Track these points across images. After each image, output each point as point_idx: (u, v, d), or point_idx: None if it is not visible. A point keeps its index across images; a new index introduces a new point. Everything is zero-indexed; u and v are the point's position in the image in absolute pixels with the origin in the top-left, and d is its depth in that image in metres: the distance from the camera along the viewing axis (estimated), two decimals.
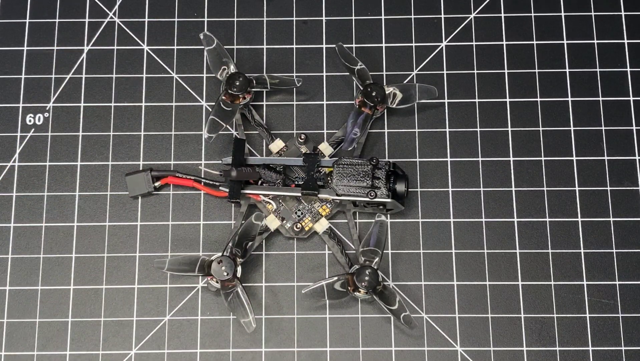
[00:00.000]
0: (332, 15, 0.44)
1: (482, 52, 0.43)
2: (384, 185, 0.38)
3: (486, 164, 0.42)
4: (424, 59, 0.43)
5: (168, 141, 0.42)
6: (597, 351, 0.39)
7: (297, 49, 0.43)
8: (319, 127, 0.42)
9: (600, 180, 0.41)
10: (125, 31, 0.44)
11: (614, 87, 0.42)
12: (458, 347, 0.39)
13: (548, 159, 0.42)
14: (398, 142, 0.42)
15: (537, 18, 0.44)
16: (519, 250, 0.40)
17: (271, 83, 0.41)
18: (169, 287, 0.40)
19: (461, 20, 0.44)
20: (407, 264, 0.40)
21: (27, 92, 0.43)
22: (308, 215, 0.40)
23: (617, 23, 0.43)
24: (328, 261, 0.40)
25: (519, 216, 0.41)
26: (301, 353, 0.39)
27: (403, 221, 0.41)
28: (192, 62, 0.43)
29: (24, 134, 0.42)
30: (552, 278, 0.40)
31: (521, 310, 0.40)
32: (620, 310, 0.40)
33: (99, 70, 0.43)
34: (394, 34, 0.44)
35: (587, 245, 0.40)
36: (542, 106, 0.42)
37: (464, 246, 0.40)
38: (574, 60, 0.43)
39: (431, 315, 0.40)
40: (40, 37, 0.44)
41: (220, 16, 0.44)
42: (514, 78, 0.43)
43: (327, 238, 0.40)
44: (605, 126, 0.42)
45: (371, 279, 0.37)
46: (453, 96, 0.43)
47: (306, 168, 0.39)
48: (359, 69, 0.41)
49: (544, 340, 0.39)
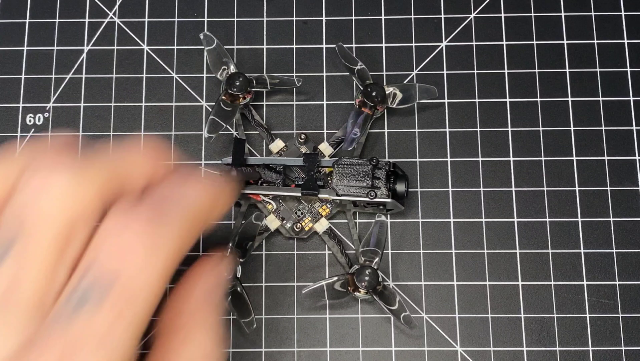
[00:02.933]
0: (332, 15, 0.44)
1: (482, 52, 0.43)
2: (384, 185, 0.38)
3: (486, 164, 0.42)
4: (424, 59, 0.43)
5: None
6: (597, 351, 0.39)
7: (297, 49, 0.43)
8: (319, 127, 0.42)
9: (600, 180, 0.41)
10: (125, 31, 0.44)
11: (614, 87, 0.42)
12: (458, 347, 0.39)
13: (548, 159, 0.42)
14: (398, 142, 0.42)
15: (537, 18, 0.44)
16: (519, 250, 0.40)
17: (271, 83, 0.41)
18: (169, 287, 0.40)
19: (461, 20, 0.44)
20: (407, 264, 0.40)
21: (27, 92, 0.43)
22: (308, 215, 0.40)
23: (617, 23, 0.43)
24: (328, 261, 0.40)
25: (519, 216, 0.41)
26: (301, 353, 0.39)
27: (403, 221, 0.41)
28: (192, 62, 0.43)
29: (24, 134, 0.42)
30: (552, 278, 0.40)
31: (521, 310, 0.40)
32: (620, 310, 0.40)
33: (99, 70, 0.43)
34: (394, 34, 0.44)
35: (587, 245, 0.40)
36: (542, 106, 0.42)
37: (464, 246, 0.41)
38: (574, 60, 0.43)
39: (431, 315, 0.40)
40: (40, 37, 0.44)
41: (220, 16, 0.44)
42: (514, 78, 0.43)
43: (327, 238, 0.40)
44: (605, 126, 0.42)
45: (371, 279, 0.37)
46: (453, 96, 0.43)
47: (306, 168, 0.39)
48: (359, 69, 0.41)
49: (544, 340, 0.39)
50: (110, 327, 0.20)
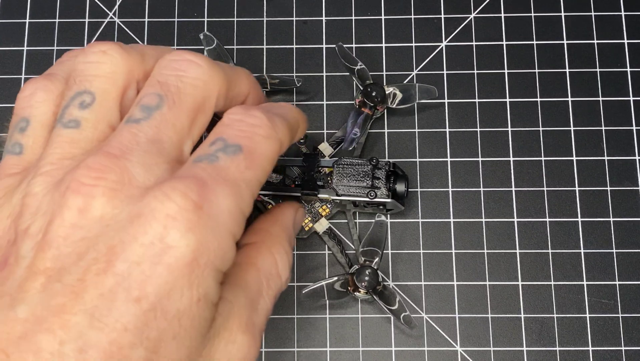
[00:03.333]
0: (332, 15, 0.44)
1: (482, 52, 0.43)
2: (384, 185, 0.38)
3: (486, 164, 0.42)
4: (424, 59, 0.43)
5: None
6: (597, 351, 0.39)
7: (297, 49, 0.43)
8: (319, 127, 0.42)
9: (600, 180, 0.41)
10: (125, 31, 0.44)
11: (614, 87, 0.42)
12: (458, 347, 0.39)
13: (548, 159, 0.42)
14: (398, 142, 0.42)
15: (537, 18, 0.44)
16: (519, 250, 0.40)
17: (271, 83, 0.41)
18: None
19: (461, 20, 0.44)
20: (407, 264, 0.40)
21: None
22: (308, 215, 0.40)
23: (617, 23, 0.43)
24: (328, 261, 0.40)
25: (519, 216, 0.41)
26: (301, 353, 0.39)
27: (403, 221, 0.41)
28: None
29: None
30: (552, 278, 0.40)
31: (521, 310, 0.40)
32: (620, 310, 0.40)
33: None
34: (394, 34, 0.44)
35: (587, 245, 0.40)
36: (542, 106, 0.42)
37: (464, 246, 0.41)
38: (574, 60, 0.43)
39: (431, 315, 0.40)
40: (40, 37, 0.44)
41: (220, 16, 0.44)
42: (514, 78, 0.43)
43: (327, 238, 0.40)
44: (605, 126, 0.42)
45: (371, 280, 0.37)
46: (453, 96, 0.43)
47: (306, 168, 0.39)
48: (359, 69, 0.41)
49: (544, 340, 0.39)
50: (242, 173, 0.25)
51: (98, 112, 0.27)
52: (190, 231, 0.23)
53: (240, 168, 0.25)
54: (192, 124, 0.27)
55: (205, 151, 0.26)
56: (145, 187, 0.24)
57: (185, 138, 0.27)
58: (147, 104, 0.26)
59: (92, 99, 0.27)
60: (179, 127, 0.26)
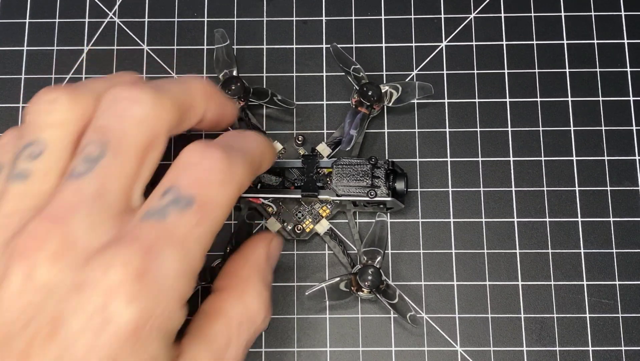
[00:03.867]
0: (332, 15, 0.44)
1: (482, 52, 0.43)
2: (384, 184, 0.38)
3: (486, 164, 0.42)
4: (424, 59, 0.43)
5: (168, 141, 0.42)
6: (597, 351, 0.39)
7: (297, 49, 0.43)
8: (319, 127, 0.42)
9: (600, 180, 0.41)
10: (125, 31, 0.44)
11: (614, 87, 0.42)
12: (458, 347, 0.39)
13: (548, 159, 0.42)
14: (397, 142, 0.42)
15: (537, 18, 0.44)
16: (519, 250, 0.40)
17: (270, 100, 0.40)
18: None
19: (461, 20, 0.44)
20: (407, 264, 0.40)
21: (27, 92, 0.43)
22: (309, 217, 0.40)
23: (617, 23, 0.43)
24: (328, 262, 0.40)
25: (519, 216, 0.41)
26: (301, 353, 0.39)
27: (403, 221, 0.41)
28: (192, 62, 0.43)
29: None
30: (552, 278, 0.40)
31: (521, 310, 0.40)
32: (620, 310, 0.40)
33: (99, 70, 0.43)
34: (393, 34, 0.44)
35: (587, 245, 0.40)
36: (542, 106, 0.42)
37: (464, 246, 0.41)
38: (574, 60, 0.43)
39: (431, 315, 0.40)
40: (40, 37, 0.44)
41: (220, 16, 0.44)
42: (514, 78, 0.43)
43: (328, 238, 0.40)
44: (605, 126, 0.42)
45: (374, 279, 0.37)
46: (453, 96, 0.43)
47: (305, 170, 0.39)
48: (354, 69, 0.41)
49: (544, 340, 0.39)
50: (191, 231, 0.24)
51: (47, 162, 0.26)
52: (133, 301, 0.23)
53: (191, 225, 0.24)
54: (140, 166, 0.26)
55: (155, 204, 0.25)
56: (90, 249, 0.24)
57: (133, 184, 0.26)
58: (89, 154, 0.25)
59: (42, 149, 0.26)
60: (125, 174, 0.25)
